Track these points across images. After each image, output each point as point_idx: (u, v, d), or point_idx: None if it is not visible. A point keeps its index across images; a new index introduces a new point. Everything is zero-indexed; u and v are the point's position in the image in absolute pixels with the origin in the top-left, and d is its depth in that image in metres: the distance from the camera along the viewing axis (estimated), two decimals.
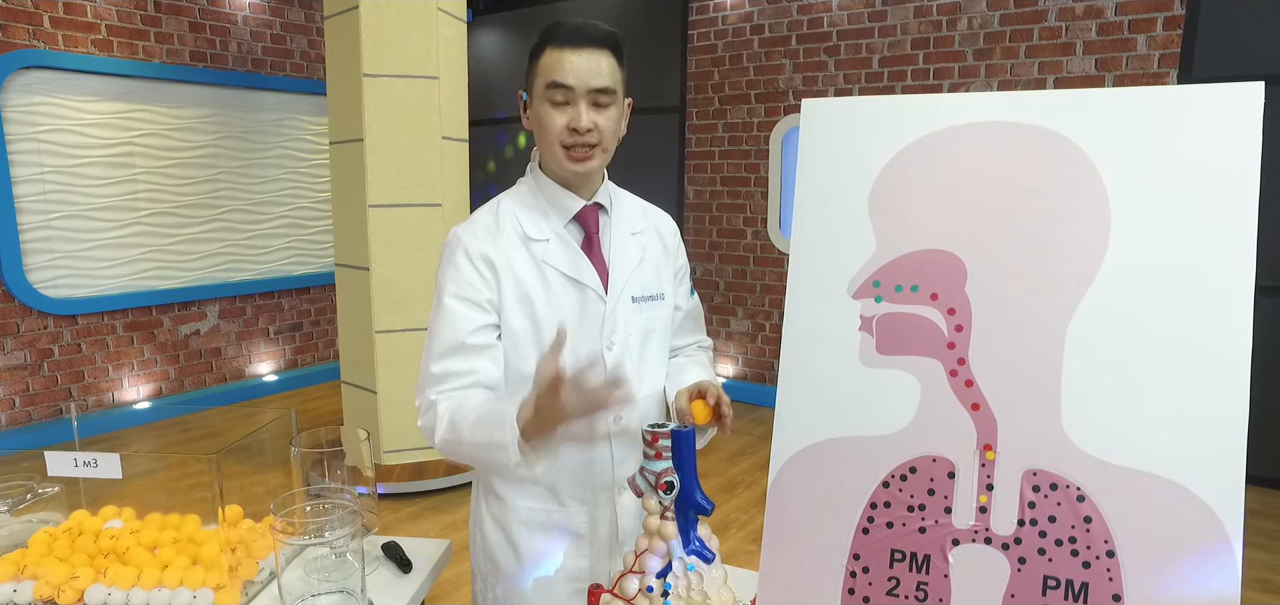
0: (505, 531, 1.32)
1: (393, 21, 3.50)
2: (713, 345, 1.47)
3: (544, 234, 1.25)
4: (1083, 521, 0.96)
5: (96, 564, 1.37)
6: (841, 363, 1.08)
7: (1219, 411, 0.91)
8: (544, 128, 1.20)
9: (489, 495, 1.34)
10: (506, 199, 1.30)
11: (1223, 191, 0.94)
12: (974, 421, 1.01)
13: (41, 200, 4.33)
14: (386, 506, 3.61)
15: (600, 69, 1.18)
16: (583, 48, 1.17)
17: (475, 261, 1.22)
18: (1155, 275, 0.96)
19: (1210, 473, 0.91)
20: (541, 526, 1.30)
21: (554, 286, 1.24)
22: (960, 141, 1.06)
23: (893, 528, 1.04)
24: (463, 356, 1.20)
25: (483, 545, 1.36)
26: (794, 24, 4.87)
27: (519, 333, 1.23)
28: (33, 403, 4.41)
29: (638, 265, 1.30)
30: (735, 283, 5.29)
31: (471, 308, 1.21)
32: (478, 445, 1.13)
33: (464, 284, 1.21)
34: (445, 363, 1.21)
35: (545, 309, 1.23)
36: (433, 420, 1.19)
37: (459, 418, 1.15)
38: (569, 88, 1.17)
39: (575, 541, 1.30)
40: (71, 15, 4.34)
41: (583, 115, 1.17)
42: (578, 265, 1.25)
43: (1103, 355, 0.97)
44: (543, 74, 1.19)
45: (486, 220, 1.26)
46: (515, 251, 1.23)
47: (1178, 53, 3.76)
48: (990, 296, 1.02)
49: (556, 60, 1.17)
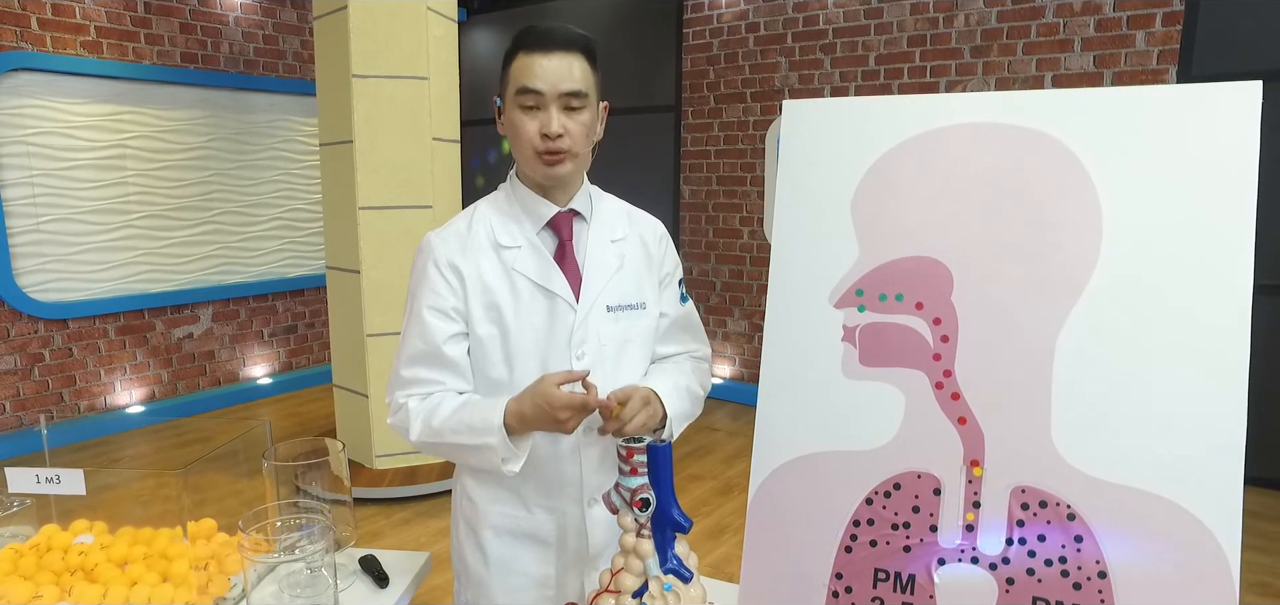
0: (475, 535, 1.33)
1: (382, 22, 3.46)
2: (709, 356, 1.42)
3: (516, 241, 1.24)
4: (1073, 541, 0.92)
5: (62, 582, 1.33)
6: (823, 374, 1.04)
7: (1216, 424, 0.87)
8: (517, 134, 1.20)
9: (463, 499, 1.36)
10: (483, 205, 1.30)
11: (1220, 192, 0.91)
12: (960, 436, 0.97)
13: (31, 204, 4.29)
14: (378, 511, 3.58)
15: (571, 73, 1.16)
16: (553, 52, 1.16)
17: (443, 270, 1.22)
18: (1150, 280, 0.92)
19: (1206, 489, 0.87)
20: (509, 532, 1.31)
21: (522, 294, 1.23)
22: (947, 144, 1.02)
23: (876, 546, 1.01)
24: (430, 365, 1.23)
25: (458, 548, 1.39)
26: (789, 22, 4.83)
27: (486, 340, 1.23)
28: (23, 408, 4.38)
29: (615, 272, 1.27)
30: (732, 283, 5.25)
31: (440, 317, 1.22)
32: (461, 447, 1.19)
33: (432, 293, 1.22)
34: (414, 369, 1.24)
35: (513, 316, 1.22)
36: (405, 420, 1.24)
37: (434, 419, 1.21)
38: (539, 93, 1.16)
39: (542, 549, 1.30)
40: (60, 17, 4.30)
41: (553, 120, 1.16)
42: (547, 273, 1.23)
43: (1094, 366, 0.93)
44: (514, 80, 1.18)
45: (460, 227, 1.27)
46: (485, 259, 1.23)
47: (1177, 49, 3.71)
48: (978, 306, 0.98)
49: (527, 65, 1.16)
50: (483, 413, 1.16)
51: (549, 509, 1.29)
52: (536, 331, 1.23)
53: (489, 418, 1.15)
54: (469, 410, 1.19)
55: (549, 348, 1.23)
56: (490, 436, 1.14)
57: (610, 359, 1.24)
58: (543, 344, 1.23)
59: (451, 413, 1.20)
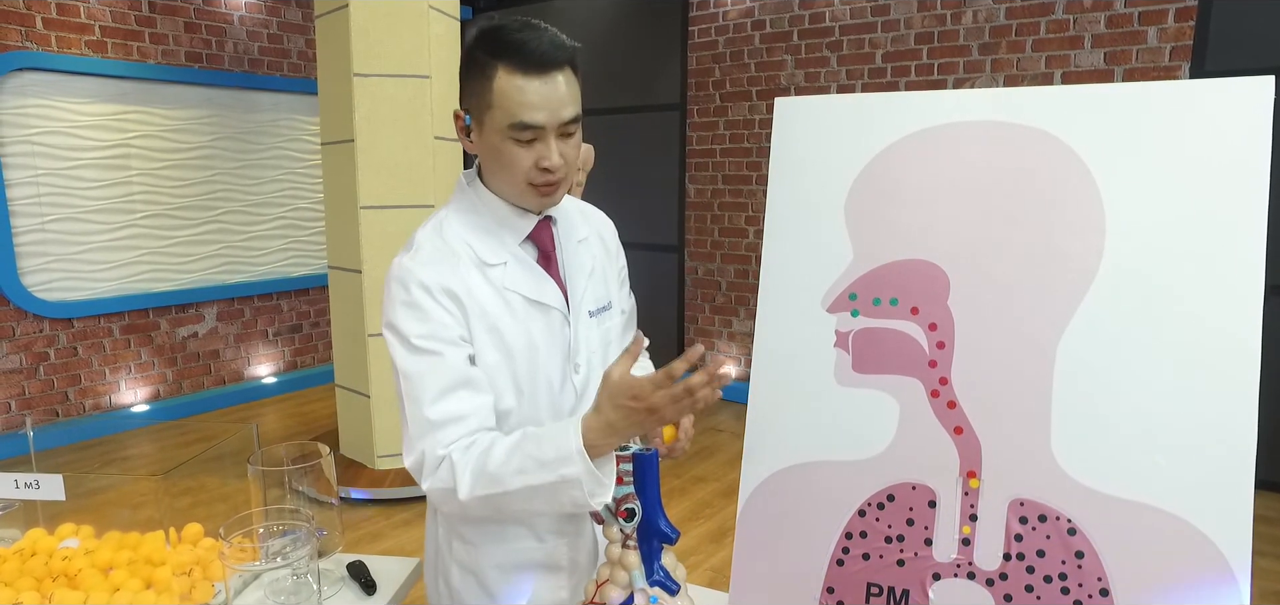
0: (477, 576, 1.22)
1: (383, 20, 3.44)
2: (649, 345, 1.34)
3: (500, 257, 1.12)
4: (1074, 556, 0.88)
5: (44, 588, 1.31)
6: (815, 382, 1.01)
7: (1225, 434, 0.83)
8: (506, 165, 1.06)
9: (454, 540, 1.23)
10: (450, 221, 1.14)
11: (1230, 191, 0.87)
12: (957, 446, 0.94)
13: (36, 203, 4.30)
14: (379, 512, 3.56)
15: (569, 96, 1.03)
16: (547, 73, 1.00)
17: (437, 296, 1.06)
18: (1156, 283, 0.88)
19: (1214, 505, 0.83)
20: (517, 566, 1.20)
21: (518, 312, 1.12)
22: (943, 143, 0.99)
23: (869, 559, 0.97)
24: (460, 396, 1.04)
25: (449, 595, 1.25)
26: (795, 19, 4.78)
27: (492, 368, 1.09)
28: (29, 406, 4.39)
29: (589, 276, 1.21)
30: (737, 283, 5.21)
31: (449, 346, 1.05)
32: (532, 490, 0.98)
33: (433, 323, 1.05)
34: (443, 406, 1.03)
35: (514, 338, 1.11)
36: (448, 476, 1.01)
37: (490, 463, 0.99)
38: (540, 127, 1.02)
39: (555, 576, 1.22)
40: (65, 16, 4.31)
41: (553, 152, 1.03)
42: (540, 287, 1.14)
43: (1097, 374, 0.89)
44: (502, 107, 1.02)
45: (434, 245, 1.11)
46: (474, 279, 1.09)
47: (1190, 45, 3.65)
48: (975, 311, 0.95)
49: (519, 93, 1.00)
50: (553, 442, 0.97)
51: (561, 533, 1.20)
52: (539, 350, 1.12)
53: (564, 444, 0.95)
54: (533, 443, 0.98)
55: (551, 365, 1.14)
56: (570, 466, 0.94)
57: (599, 366, 1.20)
58: (546, 362, 1.13)
59: (510, 451, 0.99)
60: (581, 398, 1.18)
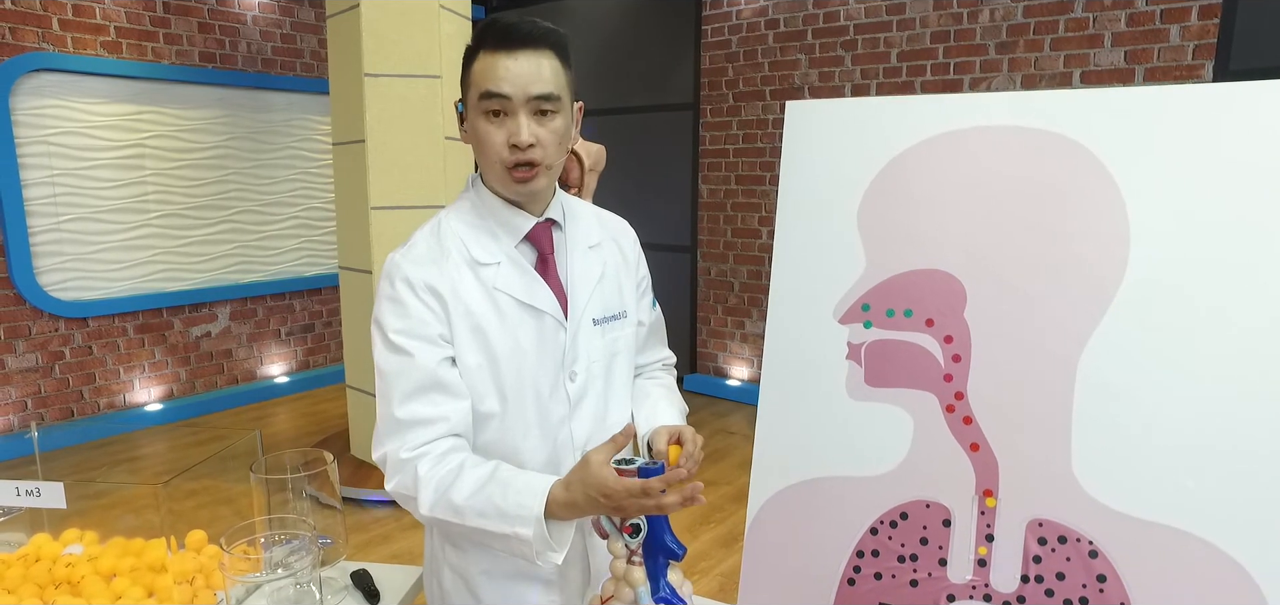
0: (466, 582, 1.21)
1: (394, 20, 3.43)
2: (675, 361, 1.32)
3: (494, 257, 1.11)
4: (1095, 580, 0.85)
5: (46, 595, 1.30)
6: (827, 395, 0.98)
7: (1256, 453, 0.79)
8: (483, 144, 1.07)
9: (446, 543, 1.23)
10: (449, 218, 1.15)
11: (1259, 196, 0.83)
12: (973, 463, 0.90)
13: (51, 203, 4.33)
14: (389, 515, 3.55)
15: (541, 73, 1.03)
16: (518, 50, 1.02)
17: (420, 293, 1.07)
18: (1183, 295, 0.84)
19: (1248, 528, 0.79)
20: (505, 575, 1.19)
21: (508, 315, 1.11)
22: (959, 149, 0.95)
23: (881, 579, 0.94)
24: (430, 399, 1.06)
25: (441, 596, 1.26)
26: (809, 18, 4.74)
27: (474, 370, 1.09)
28: (45, 405, 4.42)
29: (598, 283, 1.18)
30: (750, 284, 5.17)
31: (425, 344, 1.07)
32: (486, 533, 1.01)
33: (412, 320, 1.07)
34: (411, 407, 1.05)
35: (500, 341, 1.10)
36: (411, 483, 1.04)
37: (454, 494, 1.02)
38: (505, 97, 1.03)
39: (545, 587, 1.20)
40: (80, 17, 4.33)
41: (522, 128, 1.03)
42: (533, 290, 1.12)
43: (1120, 389, 0.85)
44: (476, 83, 1.05)
45: (428, 243, 1.12)
46: (462, 278, 1.09)
47: (1213, 44, 3.57)
48: (993, 322, 0.91)
49: (489, 66, 1.03)
50: (517, 496, 0.99)
51: None
52: (526, 355, 1.11)
53: (526, 505, 0.97)
54: (498, 490, 1.00)
55: (540, 372, 1.12)
56: (526, 528, 0.96)
57: (600, 376, 1.17)
58: (534, 368, 1.12)
59: (475, 489, 1.01)
60: (575, 407, 1.15)
